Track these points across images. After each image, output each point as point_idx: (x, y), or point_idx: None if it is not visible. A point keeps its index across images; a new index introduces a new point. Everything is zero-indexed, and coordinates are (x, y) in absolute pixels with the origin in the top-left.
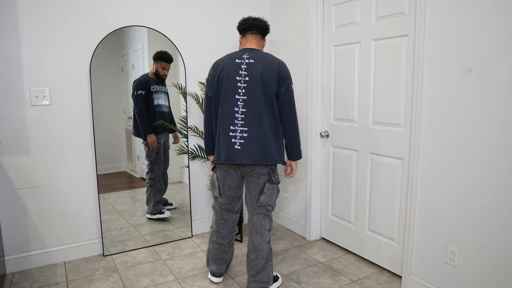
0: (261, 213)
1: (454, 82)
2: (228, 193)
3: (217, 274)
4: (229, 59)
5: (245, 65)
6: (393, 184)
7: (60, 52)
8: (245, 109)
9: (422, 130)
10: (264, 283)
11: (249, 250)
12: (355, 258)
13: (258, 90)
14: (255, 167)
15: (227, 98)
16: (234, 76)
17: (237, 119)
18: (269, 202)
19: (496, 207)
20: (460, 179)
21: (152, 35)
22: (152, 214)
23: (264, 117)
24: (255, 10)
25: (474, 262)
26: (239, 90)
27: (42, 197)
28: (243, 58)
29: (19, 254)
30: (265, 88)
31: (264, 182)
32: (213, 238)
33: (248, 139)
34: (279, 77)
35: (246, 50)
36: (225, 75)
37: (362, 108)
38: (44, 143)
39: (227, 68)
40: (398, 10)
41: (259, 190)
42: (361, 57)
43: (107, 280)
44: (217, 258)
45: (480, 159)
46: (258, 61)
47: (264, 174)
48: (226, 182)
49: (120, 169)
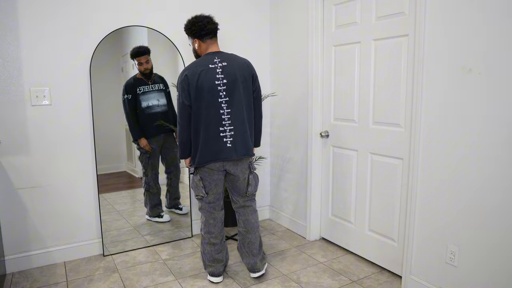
0: (250, 199)
1: (454, 82)
2: (214, 190)
3: (215, 274)
4: (202, 66)
5: (220, 69)
6: (393, 184)
7: (60, 52)
8: (229, 109)
9: (422, 130)
10: (264, 259)
11: (245, 231)
12: (355, 258)
13: (237, 90)
14: (239, 163)
15: (210, 103)
16: (213, 81)
17: (224, 120)
18: (254, 190)
19: (496, 207)
20: (460, 179)
21: (152, 35)
22: (151, 216)
23: (245, 115)
24: (255, 10)
25: (474, 262)
26: (220, 93)
27: (42, 197)
28: (215, 63)
29: (19, 254)
30: (243, 87)
31: (248, 175)
32: (205, 240)
33: (235, 137)
34: (251, 75)
35: (213, 54)
36: (203, 82)
37: (362, 108)
38: (44, 143)
39: (203, 74)
40: (398, 10)
41: (245, 183)
42: (361, 57)
43: (107, 280)
44: (213, 259)
45: (480, 159)
46: (230, 63)
47: (246, 168)
48: (212, 176)
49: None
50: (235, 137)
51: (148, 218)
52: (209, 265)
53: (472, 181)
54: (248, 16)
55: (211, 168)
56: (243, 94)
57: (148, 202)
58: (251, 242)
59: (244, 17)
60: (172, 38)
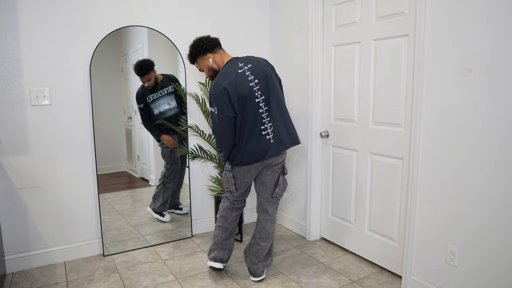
0: (274, 203)
1: (454, 82)
2: (243, 187)
3: (218, 259)
4: (232, 74)
5: (248, 71)
6: (393, 184)
7: (60, 52)
8: (267, 107)
9: (422, 130)
10: (268, 265)
11: (259, 238)
12: (355, 258)
13: (268, 86)
14: (278, 157)
15: (252, 107)
16: (248, 84)
17: (263, 118)
18: (281, 193)
19: (496, 207)
20: (460, 179)
21: (152, 35)
22: (155, 211)
23: (280, 106)
24: (256, 10)
25: (474, 262)
26: (256, 93)
27: (42, 197)
28: (241, 67)
29: (19, 254)
30: (272, 81)
31: (279, 175)
32: (219, 223)
33: (276, 130)
34: (273, 69)
35: (233, 60)
36: (241, 88)
37: (362, 108)
38: (44, 143)
39: (238, 81)
40: (398, 10)
41: (274, 183)
42: (361, 57)
43: (107, 280)
44: (220, 243)
45: (480, 159)
46: (254, 64)
47: (279, 167)
48: (244, 178)
49: (120, 169)
50: (276, 130)
51: (149, 211)
52: (215, 249)
53: (472, 181)
54: (248, 16)
55: (248, 168)
56: (274, 88)
57: (161, 196)
58: (261, 249)
59: (244, 17)
60: (172, 38)
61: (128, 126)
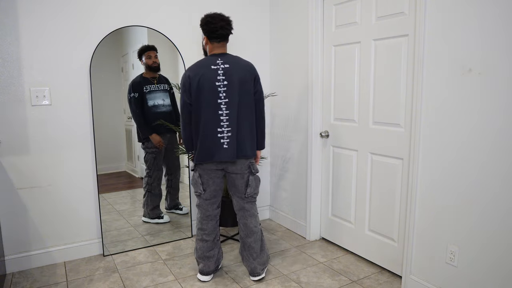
0: (249, 201)
1: (454, 82)
2: (212, 187)
3: (204, 272)
4: (204, 67)
5: (222, 70)
6: (393, 184)
7: (60, 52)
8: (228, 111)
9: (422, 130)
10: (265, 263)
11: (245, 235)
12: (355, 258)
13: (237, 92)
14: (237, 164)
15: (210, 103)
16: (214, 82)
17: (222, 121)
18: (254, 192)
19: (496, 207)
20: (460, 179)
21: (152, 35)
22: (151, 218)
23: (244, 117)
24: (255, 10)
25: (474, 262)
26: (220, 94)
27: (42, 197)
28: (218, 64)
29: (19, 254)
30: (244, 89)
31: (248, 176)
32: (198, 236)
33: (232, 138)
34: (253, 77)
35: (217, 55)
36: (204, 82)
37: (362, 108)
38: (44, 143)
39: (205, 75)
40: (398, 10)
41: (244, 184)
42: (361, 57)
43: (107, 280)
44: (204, 256)
45: (481, 159)
46: (233, 65)
47: (246, 170)
48: (210, 177)
49: (120, 169)
50: (232, 138)
51: (145, 220)
52: (199, 262)
53: (472, 181)
54: (248, 16)
55: (211, 168)
56: (244, 96)
57: (150, 203)
58: (250, 246)
59: (244, 17)
60: (172, 38)
61: (128, 126)
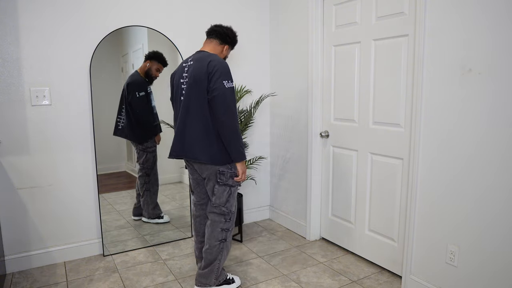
0: (215, 212)
1: (454, 82)
2: (197, 189)
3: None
4: (180, 64)
5: (187, 67)
6: (393, 184)
7: (60, 52)
8: (182, 110)
9: (422, 130)
10: (207, 280)
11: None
12: (355, 258)
13: (192, 91)
14: (202, 166)
15: (176, 101)
16: (179, 80)
17: (179, 118)
18: (220, 203)
19: (496, 208)
20: (460, 178)
21: (152, 35)
22: (150, 218)
23: (194, 118)
24: (256, 11)
25: (474, 262)
26: (183, 91)
27: (42, 197)
28: (188, 61)
29: (19, 254)
30: (197, 88)
31: (213, 183)
32: (193, 238)
33: (177, 138)
34: (207, 74)
35: (196, 52)
36: (175, 80)
37: (362, 108)
38: (44, 143)
39: (177, 73)
40: (398, 10)
41: (211, 191)
42: (361, 57)
43: (107, 280)
44: (200, 257)
45: (481, 158)
46: (196, 63)
47: (212, 175)
48: (193, 177)
49: (120, 169)
50: (177, 137)
51: (146, 220)
52: (198, 261)
53: (472, 181)
54: (248, 16)
55: (190, 167)
56: (197, 95)
57: (150, 202)
58: (205, 251)
59: (244, 17)
60: (172, 38)
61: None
